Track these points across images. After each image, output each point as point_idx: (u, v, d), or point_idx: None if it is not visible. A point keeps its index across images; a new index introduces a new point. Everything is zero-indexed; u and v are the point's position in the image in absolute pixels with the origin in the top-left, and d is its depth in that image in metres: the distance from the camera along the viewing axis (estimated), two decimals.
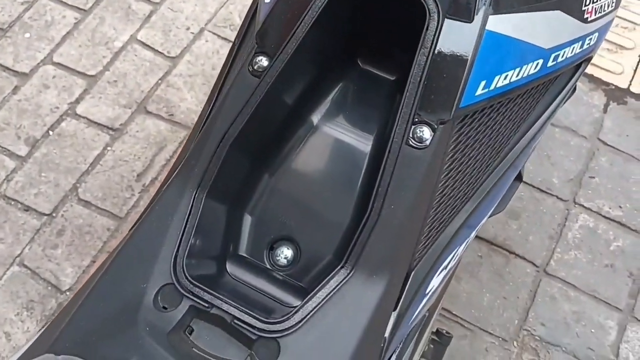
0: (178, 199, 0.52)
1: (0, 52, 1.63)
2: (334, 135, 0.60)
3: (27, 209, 1.43)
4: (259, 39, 0.54)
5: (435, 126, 0.50)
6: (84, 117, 1.55)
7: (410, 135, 0.50)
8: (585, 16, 0.61)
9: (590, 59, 0.68)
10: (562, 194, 1.47)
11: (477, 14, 0.50)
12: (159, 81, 1.60)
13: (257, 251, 0.58)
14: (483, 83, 0.51)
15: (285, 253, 0.58)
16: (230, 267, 0.56)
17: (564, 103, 0.75)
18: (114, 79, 1.60)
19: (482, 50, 0.50)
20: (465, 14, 0.50)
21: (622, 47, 1.67)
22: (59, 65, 1.62)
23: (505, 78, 0.53)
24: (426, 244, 0.53)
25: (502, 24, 0.51)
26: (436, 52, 0.50)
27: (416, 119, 0.50)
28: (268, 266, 0.58)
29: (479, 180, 0.56)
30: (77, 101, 1.57)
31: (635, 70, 1.64)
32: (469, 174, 0.55)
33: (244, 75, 0.54)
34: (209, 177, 0.52)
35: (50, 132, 1.53)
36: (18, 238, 1.40)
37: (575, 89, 0.78)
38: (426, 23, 0.50)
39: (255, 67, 0.54)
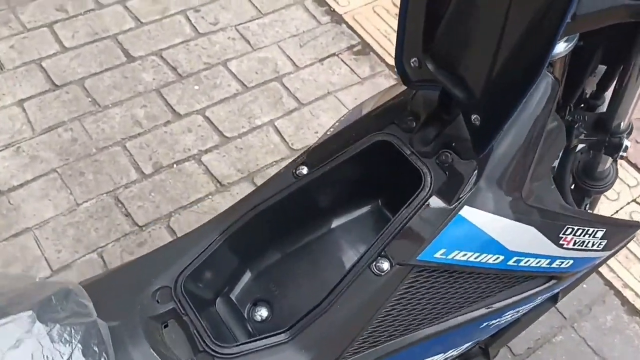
0: (206, 234, 0.71)
1: (170, 92, 1.99)
2: (333, 243, 0.76)
3: (127, 215, 1.70)
4: (307, 155, 0.74)
5: (394, 264, 0.65)
6: (204, 165, 1.83)
7: (374, 263, 0.65)
8: (561, 242, 0.74)
9: (562, 277, 0.80)
10: None
11: (456, 201, 0.66)
12: (274, 162, 1.85)
13: (243, 301, 0.74)
14: (443, 250, 0.66)
15: (261, 312, 0.74)
16: (218, 302, 0.73)
17: (541, 307, 0.86)
18: (241, 146, 1.88)
19: (450, 227, 0.65)
20: (447, 198, 0.66)
21: None
22: (207, 118, 1.94)
23: (463, 255, 0.67)
24: (358, 349, 0.67)
25: (474, 215, 0.66)
26: (416, 214, 0.66)
27: (383, 253, 0.66)
28: (245, 316, 0.74)
29: (422, 322, 0.69)
30: (206, 151, 1.86)
31: None
32: (414, 312, 0.68)
33: (287, 174, 0.73)
34: (233, 229, 0.71)
35: (175, 165, 1.82)
36: (108, 234, 1.66)
37: (556, 299, 0.88)
38: (418, 191, 0.67)
39: (297, 172, 0.73)
